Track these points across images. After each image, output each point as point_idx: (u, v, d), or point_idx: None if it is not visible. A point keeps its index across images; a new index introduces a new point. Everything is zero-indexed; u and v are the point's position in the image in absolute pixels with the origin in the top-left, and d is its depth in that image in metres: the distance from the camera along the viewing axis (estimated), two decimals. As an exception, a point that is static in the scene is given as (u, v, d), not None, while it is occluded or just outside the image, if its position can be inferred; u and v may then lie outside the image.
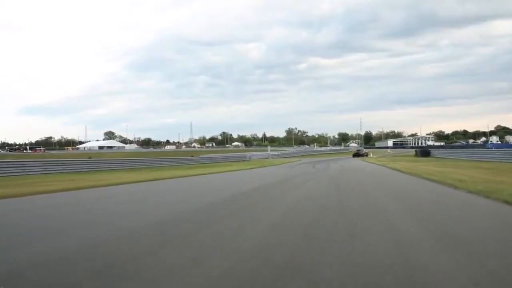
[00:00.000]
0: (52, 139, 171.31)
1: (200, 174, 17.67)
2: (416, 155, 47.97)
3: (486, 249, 3.50)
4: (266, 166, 29.16)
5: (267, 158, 58.47)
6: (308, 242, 3.97)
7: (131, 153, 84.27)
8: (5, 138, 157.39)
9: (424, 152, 46.93)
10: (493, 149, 49.41)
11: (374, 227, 4.68)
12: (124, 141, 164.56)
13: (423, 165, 21.39)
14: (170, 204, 7.84)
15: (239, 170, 22.67)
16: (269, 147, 70.52)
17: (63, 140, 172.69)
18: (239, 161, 48.43)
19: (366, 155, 56.86)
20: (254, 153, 65.84)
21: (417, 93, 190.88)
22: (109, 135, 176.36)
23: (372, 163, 29.72)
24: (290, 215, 5.98)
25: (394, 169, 18.95)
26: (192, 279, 2.76)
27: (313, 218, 5.52)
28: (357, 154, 57.24)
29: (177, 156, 57.53)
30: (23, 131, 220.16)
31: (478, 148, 62.98)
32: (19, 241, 4.26)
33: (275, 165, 32.17)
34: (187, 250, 3.61)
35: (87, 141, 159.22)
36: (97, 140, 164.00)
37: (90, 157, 49.12)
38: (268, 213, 6.22)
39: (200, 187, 12.13)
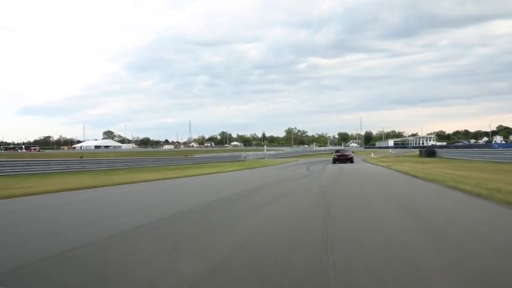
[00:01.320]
0: (51, 139, 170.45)
1: (170, 178, 14.81)
2: (420, 155, 45.26)
3: None
4: (256, 167, 26.38)
5: (264, 158, 56.02)
6: None
7: (122, 153, 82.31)
8: (3, 138, 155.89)
9: (429, 152, 44.04)
10: (500, 149, 46.76)
11: None
12: (123, 140, 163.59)
13: (435, 167, 18.29)
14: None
15: (223, 172, 19.93)
16: (265, 146, 68.14)
17: (62, 139, 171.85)
18: (233, 161, 45.96)
19: (352, 161, 31.07)
20: (250, 153, 63.38)
21: (417, 93, 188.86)
22: (108, 135, 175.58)
23: (375, 164, 26.92)
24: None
25: (404, 172, 15.40)
26: None
27: None
28: (340, 158, 31.19)
29: (170, 156, 55.55)
30: (23, 131, 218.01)
31: (483, 148, 60.30)
32: None
33: (267, 166, 29.46)
34: None
35: (85, 141, 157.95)
36: (96, 140, 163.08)
37: (81, 157, 47.37)
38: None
39: (120, 204, 8.01)
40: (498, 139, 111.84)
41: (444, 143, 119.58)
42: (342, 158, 31.63)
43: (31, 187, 11.16)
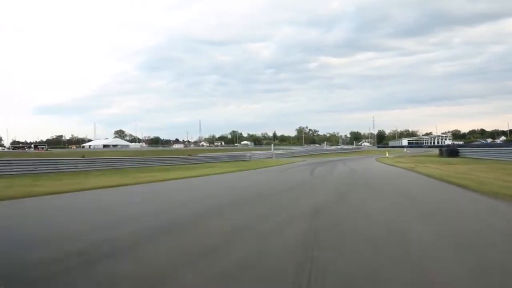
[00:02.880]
0: (63, 138, 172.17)
1: (132, 184, 11.64)
2: (441, 154, 41.50)
3: None
4: (254, 169, 23.13)
5: (270, 157, 52.91)
6: None
7: (120, 152, 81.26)
8: (15, 136, 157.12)
9: (451, 151, 40.21)
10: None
11: None
12: (134, 139, 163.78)
13: (471, 169, 14.27)
14: None
15: (212, 174, 16.80)
16: (272, 145, 65.24)
17: (74, 138, 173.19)
18: (237, 160, 43.16)
19: None
20: (256, 152, 60.32)
21: (428, 92, 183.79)
22: (119, 134, 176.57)
23: (392, 165, 23.36)
24: None
25: (436, 178, 10.88)
26: None
27: None
28: None
29: (173, 155, 53.47)
30: (37, 130, 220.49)
31: (505, 147, 56.07)
32: None
33: (269, 166, 26.20)
34: None
35: (94, 140, 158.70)
36: (107, 139, 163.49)
37: (83, 156, 46.00)
38: None
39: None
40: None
41: (460, 142, 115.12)
42: None
43: None
